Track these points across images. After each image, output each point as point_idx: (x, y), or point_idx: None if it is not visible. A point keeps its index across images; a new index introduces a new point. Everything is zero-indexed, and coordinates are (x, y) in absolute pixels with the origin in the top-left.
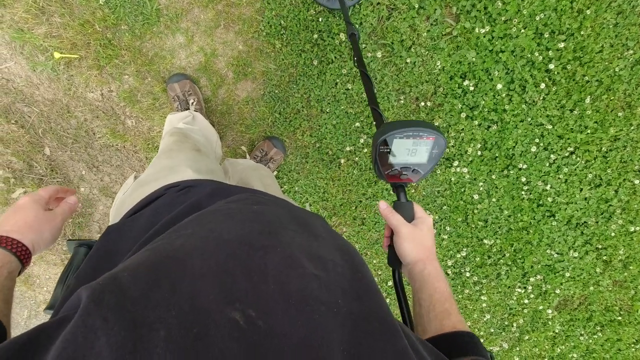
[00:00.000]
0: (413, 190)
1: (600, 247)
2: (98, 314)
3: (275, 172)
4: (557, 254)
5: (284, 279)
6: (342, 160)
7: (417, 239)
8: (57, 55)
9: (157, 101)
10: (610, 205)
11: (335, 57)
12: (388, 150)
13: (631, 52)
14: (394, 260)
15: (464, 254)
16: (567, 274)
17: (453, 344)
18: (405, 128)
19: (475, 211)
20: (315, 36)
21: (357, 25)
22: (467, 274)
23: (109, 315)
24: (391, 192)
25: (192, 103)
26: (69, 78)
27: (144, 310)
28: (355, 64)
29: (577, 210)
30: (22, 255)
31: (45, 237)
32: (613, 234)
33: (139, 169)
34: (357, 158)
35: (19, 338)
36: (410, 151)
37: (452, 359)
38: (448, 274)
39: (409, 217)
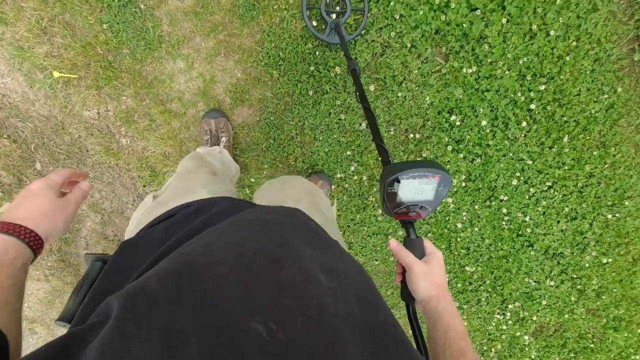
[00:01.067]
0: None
1: (575, 276)
2: (131, 320)
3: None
4: (535, 282)
5: (299, 293)
6: (333, 187)
7: (430, 276)
8: (56, 74)
9: (153, 122)
10: (585, 237)
11: (330, 89)
12: (396, 190)
13: (606, 96)
14: (408, 296)
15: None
16: (544, 302)
17: None
18: (411, 169)
19: (459, 239)
20: (312, 68)
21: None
22: None
23: (142, 322)
24: (378, 218)
25: (223, 141)
26: (66, 96)
27: (174, 317)
28: (358, 100)
29: (554, 241)
30: (35, 245)
31: (58, 225)
32: (587, 265)
33: (131, 187)
34: (347, 185)
35: (53, 342)
36: (417, 190)
37: None
38: None
39: (420, 254)
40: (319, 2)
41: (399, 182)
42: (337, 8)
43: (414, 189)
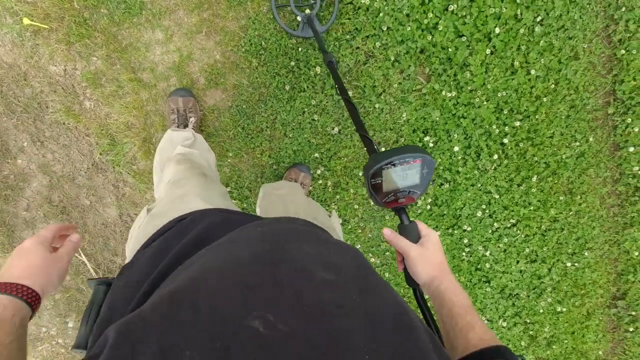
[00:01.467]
0: (359, 231)
1: (528, 321)
2: (126, 344)
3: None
4: (488, 320)
5: (298, 288)
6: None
7: (427, 258)
8: (26, 21)
9: (121, 89)
10: (543, 282)
11: (307, 87)
12: (380, 180)
13: (578, 144)
14: (411, 282)
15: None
16: None
17: None
18: (390, 158)
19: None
20: (292, 63)
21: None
22: None
23: (137, 347)
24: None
25: (192, 121)
26: (34, 47)
27: (168, 336)
28: (337, 92)
29: (512, 281)
30: (33, 301)
31: (53, 280)
32: (541, 311)
33: (87, 154)
34: (310, 188)
35: None
36: (401, 177)
37: None
38: None
39: (415, 238)
40: (287, 1)
41: (381, 173)
42: (308, 1)
43: (398, 176)
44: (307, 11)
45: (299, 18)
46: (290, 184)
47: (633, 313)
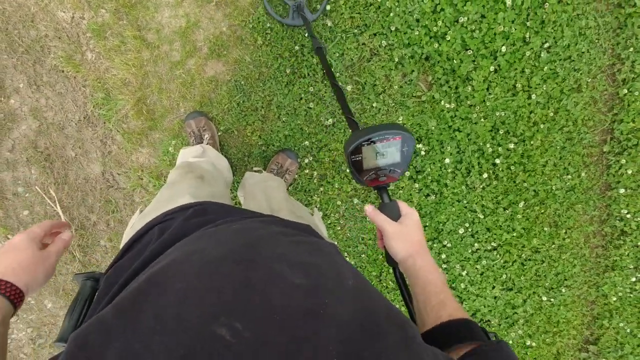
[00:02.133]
0: (339, 228)
1: None
2: (82, 356)
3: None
4: None
5: (267, 292)
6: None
7: (404, 236)
8: None
9: (124, 45)
10: (516, 312)
11: (308, 74)
12: (360, 157)
13: (569, 177)
14: (391, 260)
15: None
16: None
17: (450, 334)
18: (369, 134)
19: (390, 271)
20: (297, 48)
21: (337, 55)
22: None
23: (93, 357)
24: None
25: (206, 138)
26: None
27: (129, 343)
28: (324, 75)
29: (485, 306)
30: (16, 298)
31: (39, 278)
32: (510, 342)
33: (81, 105)
34: (296, 176)
35: None
36: (380, 154)
37: (450, 347)
38: None
39: (396, 216)
40: None
41: (360, 150)
42: None
43: (377, 153)
44: None
45: (289, 4)
46: (277, 178)
47: None
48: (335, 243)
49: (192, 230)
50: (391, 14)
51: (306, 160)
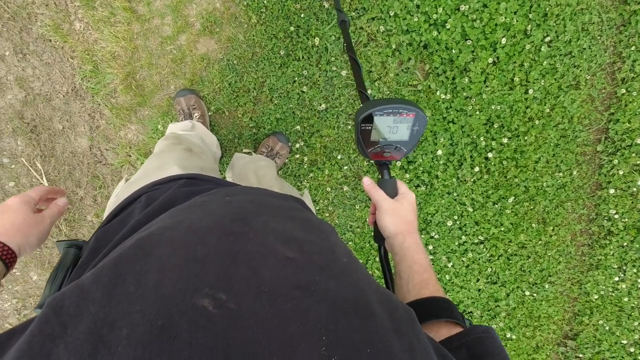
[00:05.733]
0: (327, 215)
1: None
2: (57, 321)
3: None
4: None
5: (256, 265)
6: None
7: (398, 213)
8: None
9: (113, 17)
10: (498, 305)
11: (302, 56)
12: (370, 127)
13: (561, 174)
14: (379, 238)
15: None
16: None
17: (428, 308)
18: (385, 105)
19: (376, 259)
20: (292, 29)
21: (334, 38)
22: None
23: (68, 321)
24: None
25: (196, 116)
26: None
27: (106, 309)
28: (344, 50)
29: (468, 298)
30: (8, 259)
31: (31, 241)
32: None
33: (69, 77)
34: (286, 160)
35: None
36: (391, 128)
37: (427, 320)
38: None
39: (393, 193)
40: None
41: (372, 119)
42: None
43: (389, 127)
44: None
45: None
46: (267, 159)
47: (581, 355)
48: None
49: (182, 200)
50: None
51: (297, 145)
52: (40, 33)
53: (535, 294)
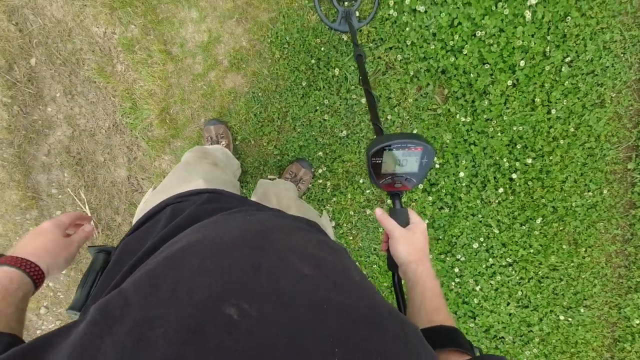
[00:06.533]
0: (351, 238)
1: None
2: (104, 323)
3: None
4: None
5: (276, 277)
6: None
7: (410, 241)
8: None
9: (150, 58)
10: (531, 330)
11: (323, 86)
12: (380, 161)
13: (591, 194)
14: (392, 264)
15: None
16: None
17: (437, 336)
18: (394, 140)
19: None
20: (313, 61)
21: (353, 69)
22: None
23: (113, 323)
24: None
25: (223, 144)
26: (82, 7)
27: (144, 312)
28: (360, 83)
29: (498, 323)
30: (37, 277)
31: (60, 262)
32: None
33: (110, 114)
34: (310, 185)
35: (23, 346)
36: (400, 162)
37: (435, 348)
38: None
39: (404, 223)
40: None
41: (382, 154)
42: None
43: (398, 160)
44: (346, 4)
45: (338, 10)
46: (288, 182)
47: None
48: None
49: (207, 215)
50: (407, 29)
51: (320, 170)
52: (87, 75)
53: (570, 319)
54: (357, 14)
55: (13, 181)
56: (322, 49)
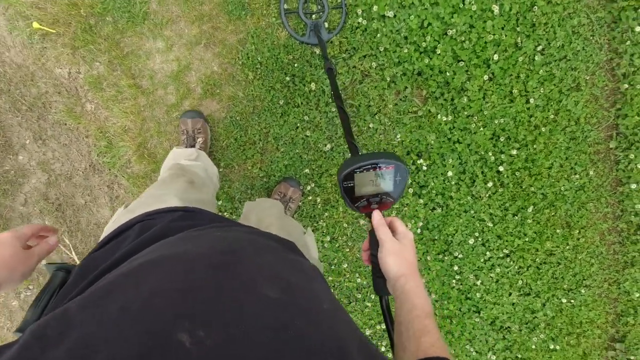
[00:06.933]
0: (347, 250)
1: (519, 356)
2: (37, 346)
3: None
4: (476, 352)
5: (240, 300)
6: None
7: (402, 254)
8: (36, 25)
9: (120, 94)
10: (536, 317)
11: (301, 103)
12: (352, 184)
13: (577, 176)
14: (379, 287)
15: (384, 326)
16: None
17: None
18: (362, 162)
19: None
20: (288, 79)
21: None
22: (382, 349)
23: (47, 346)
24: (325, 245)
25: (199, 142)
26: (42, 49)
27: (88, 333)
28: (332, 98)
29: (503, 314)
30: None
31: (15, 276)
32: (534, 347)
33: (85, 155)
34: (300, 203)
35: None
36: (374, 182)
37: None
38: None
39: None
40: (296, 7)
41: (352, 177)
42: (315, 8)
43: (370, 181)
44: (314, 17)
45: (307, 23)
46: (271, 200)
47: (632, 357)
48: (317, 266)
49: (175, 232)
50: (378, 35)
51: (309, 187)
52: (56, 119)
53: (572, 300)
54: (326, 25)
55: None
56: (296, 64)
